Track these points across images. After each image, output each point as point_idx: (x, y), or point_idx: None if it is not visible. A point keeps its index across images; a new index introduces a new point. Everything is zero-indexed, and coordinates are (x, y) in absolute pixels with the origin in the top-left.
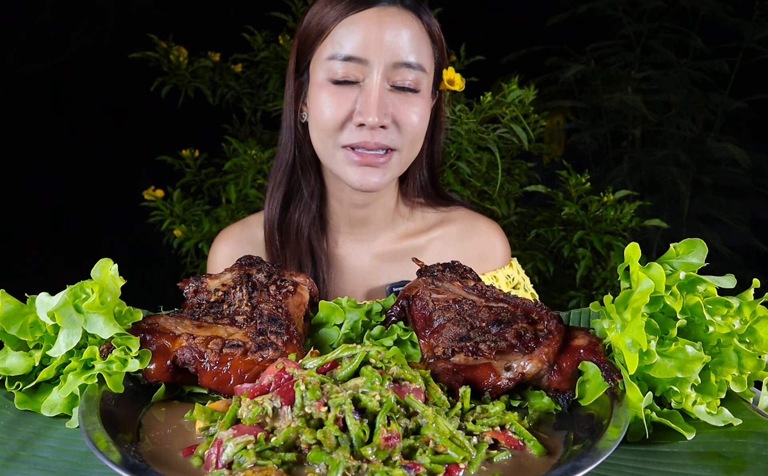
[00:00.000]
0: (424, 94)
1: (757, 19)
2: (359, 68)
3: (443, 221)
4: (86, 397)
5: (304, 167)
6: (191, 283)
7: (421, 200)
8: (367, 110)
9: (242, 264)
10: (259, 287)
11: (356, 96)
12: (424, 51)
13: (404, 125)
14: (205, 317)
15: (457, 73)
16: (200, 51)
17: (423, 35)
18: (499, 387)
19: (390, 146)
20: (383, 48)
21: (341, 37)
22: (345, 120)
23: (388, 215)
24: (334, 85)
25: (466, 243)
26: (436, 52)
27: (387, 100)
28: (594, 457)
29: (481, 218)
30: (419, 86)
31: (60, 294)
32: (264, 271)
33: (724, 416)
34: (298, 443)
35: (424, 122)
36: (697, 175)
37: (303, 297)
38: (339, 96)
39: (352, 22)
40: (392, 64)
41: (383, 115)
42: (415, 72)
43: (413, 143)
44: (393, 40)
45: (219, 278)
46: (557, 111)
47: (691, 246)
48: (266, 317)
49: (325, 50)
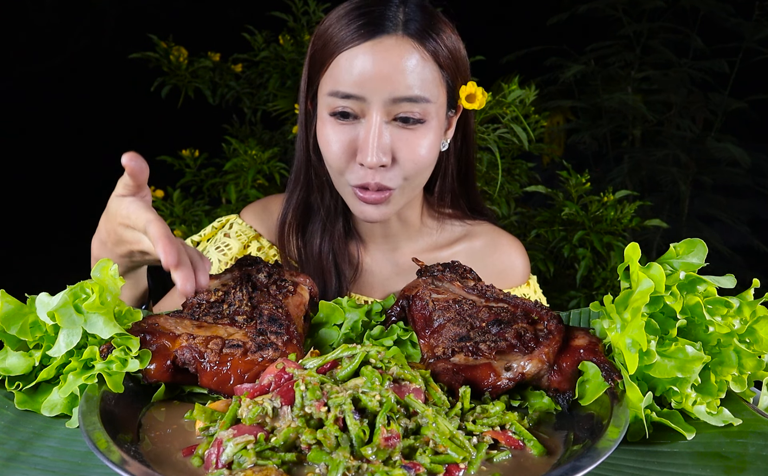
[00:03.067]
0: (431, 123)
1: (757, 19)
2: (359, 105)
3: (467, 234)
4: (86, 397)
5: (320, 187)
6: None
7: (449, 211)
8: (366, 150)
9: (242, 264)
10: (259, 287)
11: (358, 132)
12: (428, 80)
13: (406, 162)
14: (205, 318)
15: (479, 88)
16: (200, 51)
17: (427, 63)
18: (499, 387)
19: (388, 187)
20: (380, 84)
21: (338, 73)
22: (348, 159)
23: (410, 228)
24: (336, 121)
25: (487, 259)
26: (445, 76)
27: (386, 138)
28: (594, 457)
29: (504, 234)
30: (425, 117)
31: (60, 294)
32: (264, 271)
33: (724, 416)
34: (298, 443)
35: (434, 150)
36: (697, 175)
37: (303, 297)
38: (340, 134)
39: (349, 56)
40: (391, 100)
41: (382, 154)
42: (419, 104)
43: (417, 175)
44: (390, 75)
45: (219, 279)
46: (557, 111)
47: (691, 246)
48: (266, 317)
49: (326, 84)
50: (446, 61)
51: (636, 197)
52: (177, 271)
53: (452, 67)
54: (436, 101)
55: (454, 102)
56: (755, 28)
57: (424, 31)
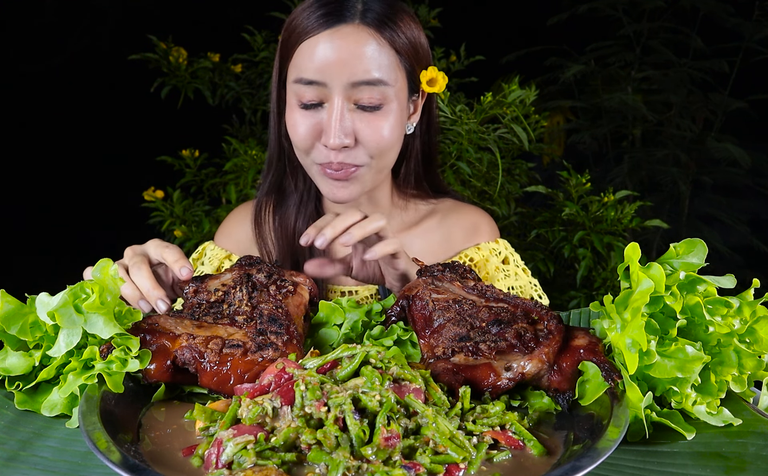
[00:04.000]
0: (392, 106)
1: (757, 19)
2: (321, 91)
3: (434, 211)
4: (86, 397)
5: (293, 172)
6: (191, 283)
7: (414, 192)
8: (328, 133)
9: (242, 264)
10: (259, 287)
11: (322, 116)
12: (385, 65)
13: (369, 142)
14: (205, 317)
15: (440, 72)
16: (200, 52)
17: (383, 49)
18: (499, 387)
19: (354, 164)
20: (340, 70)
21: (301, 61)
22: (314, 140)
23: (381, 209)
24: (302, 108)
25: (454, 226)
26: (403, 62)
27: (348, 121)
28: (594, 457)
29: (468, 205)
30: (385, 100)
31: (60, 294)
32: (264, 271)
33: (724, 416)
34: (298, 443)
35: (396, 130)
36: (697, 175)
37: (303, 297)
38: (307, 119)
39: (309, 45)
40: (350, 84)
41: (344, 136)
42: (377, 88)
43: (382, 154)
44: (348, 61)
45: (219, 279)
46: (557, 111)
47: (691, 246)
48: (266, 317)
49: (292, 72)
50: (404, 48)
51: (636, 197)
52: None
53: (410, 53)
54: (395, 85)
55: (416, 86)
56: (755, 28)
57: (381, 20)
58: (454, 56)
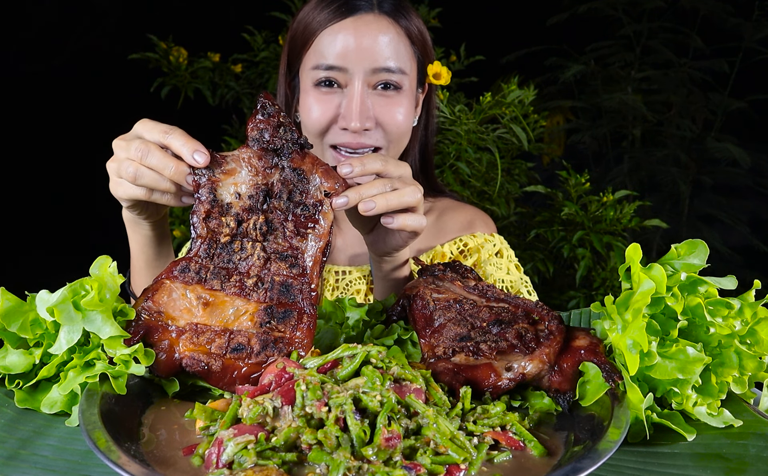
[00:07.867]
0: (406, 93)
1: (757, 19)
2: (341, 75)
3: (432, 208)
4: (86, 396)
5: None
6: (202, 188)
7: None
8: (350, 116)
9: (262, 132)
10: (276, 225)
11: (340, 100)
12: (403, 53)
13: (388, 125)
14: (213, 281)
15: (443, 67)
16: (200, 51)
17: (401, 38)
18: (500, 387)
19: (375, 145)
20: (362, 56)
21: (323, 47)
22: (330, 122)
23: None
24: (319, 90)
25: (452, 222)
26: (416, 52)
27: (368, 104)
28: (595, 458)
29: (466, 204)
30: (402, 86)
31: (59, 291)
32: (286, 178)
33: (724, 417)
34: (299, 443)
35: (409, 118)
36: (697, 175)
37: (324, 227)
38: (324, 102)
39: (331, 32)
40: (371, 70)
41: (365, 119)
42: (395, 75)
43: (399, 139)
44: (371, 48)
45: (233, 177)
46: (557, 111)
47: (693, 247)
48: (278, 286)
49: (309, 60)
50: (417, 38)
51: (636, 197)
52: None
53: (422, 45)
54: (410, 74)
55: (422, 80)
56: (755, 28)
57: (396, 10)
58: (454, 56)
